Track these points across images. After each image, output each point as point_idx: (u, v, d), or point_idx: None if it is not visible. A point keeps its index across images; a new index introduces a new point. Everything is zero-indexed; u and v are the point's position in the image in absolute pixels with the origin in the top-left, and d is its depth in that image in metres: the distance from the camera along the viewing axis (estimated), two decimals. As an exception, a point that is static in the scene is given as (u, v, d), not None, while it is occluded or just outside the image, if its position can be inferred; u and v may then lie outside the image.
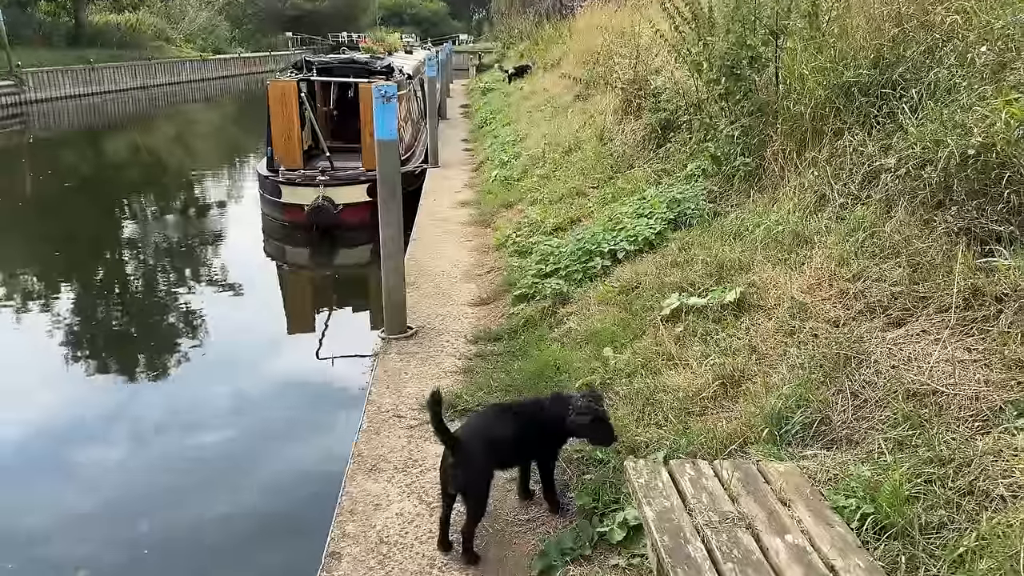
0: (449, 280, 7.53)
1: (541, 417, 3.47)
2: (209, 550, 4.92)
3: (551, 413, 3.46)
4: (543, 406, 3.54)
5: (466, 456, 3.25)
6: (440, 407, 3.22)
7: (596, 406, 3.46)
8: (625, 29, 13.41)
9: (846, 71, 5.18)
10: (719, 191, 6.32)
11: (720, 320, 4.45)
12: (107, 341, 8.76)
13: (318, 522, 3.98)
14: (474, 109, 22.93)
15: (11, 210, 14.92)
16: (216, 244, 12.96)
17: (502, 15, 41.23)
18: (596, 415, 3.42)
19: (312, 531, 4.03)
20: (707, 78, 6.65)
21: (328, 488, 4.26)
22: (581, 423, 3.40)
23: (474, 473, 3.29)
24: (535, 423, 3.45)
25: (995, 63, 4.19)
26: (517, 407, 3.64)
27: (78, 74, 33.76)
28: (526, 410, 3.56)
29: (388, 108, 5.65)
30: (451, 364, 5.50)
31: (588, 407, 3.41)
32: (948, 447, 2.81)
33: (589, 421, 3.39)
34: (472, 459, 3.26)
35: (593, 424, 3.41)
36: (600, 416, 3.44)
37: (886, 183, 4.30)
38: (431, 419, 3.25)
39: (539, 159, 11.15)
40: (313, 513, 4.63)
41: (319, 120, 13.20)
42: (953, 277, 3.45)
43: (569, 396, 3.59)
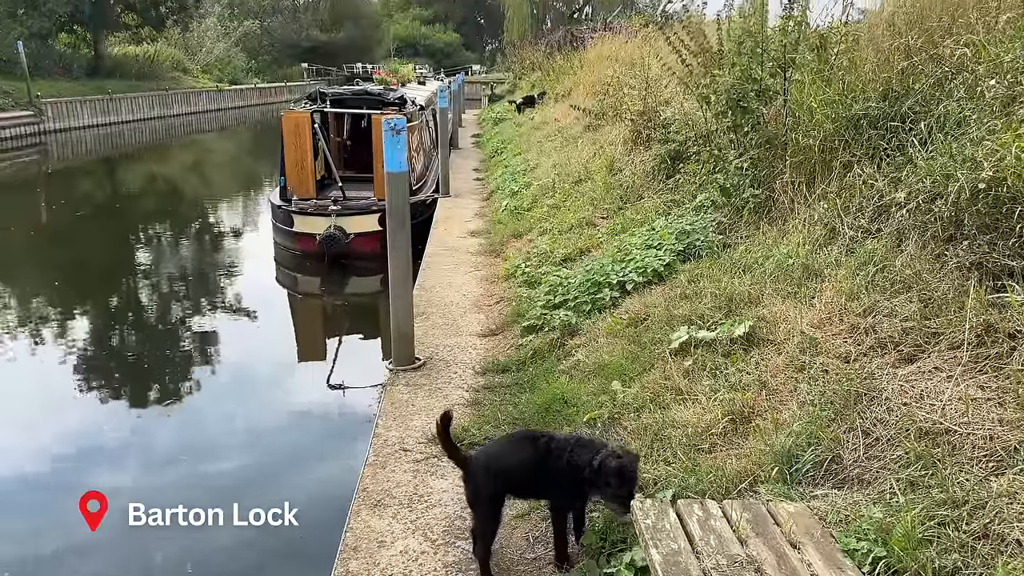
0: (458, 310, 7.52)
1: (560, 457, 3.26)
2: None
3: (571, 457, 3.22)
4: (566, 446, 3.30)
5: (473, 475, 3.43)
6: (449, 427, 3.39)
7: (627, 465, 3.11)
8: (635, 61, 13.53)
9: (855, 104, 5.18)
10: (728, 222, 6.30)
11: (729, 354, 4.40)
12: (119, 368, 8.81)
13: (323, 557, 3.94)
14: (485, 139, 23.08)
15: (25, 239, 15.08)
16: (229, 273, 13.05)
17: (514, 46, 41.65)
18: (625, 475, 3.07)
19: (317, 566, 3.99)
20: (715, 110, 6.66)
21: (334, 520, 4.23)
22: (602, 482, 3.10)
23: (480, 493, 3.41)
24: (553, 461, 3.27)
25: (1005, 96, 4.17)
26: (546, 438, 3.42)
27: (96, 104, 34.27)
28: (546, 445, 3.36)
29: (397, 141, 5.68)
30: (459, 396, 5.47)
31: (623, 469, 3.06)
32: (962, 488, 2.74)
33: (621, 485, 3.06)
34: (478, 479, 3.40)
35: (624, 491, 3.08)
36: (628, 476, 3.08)
37: (896, 217, 4.27)
38: (440, 442, 3.43)
39: (549, 189, 11.18)
40: (317, 548, 4.58)
41: (332, 150, 13.33)
42: (965, 313, 3.40)
43: (599, 445, 3.30)
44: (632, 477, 3.10)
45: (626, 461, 3.13)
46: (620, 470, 3.07)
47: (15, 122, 28.42)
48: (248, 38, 58.71)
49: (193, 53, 50.29)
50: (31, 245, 14.58)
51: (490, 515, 3.39)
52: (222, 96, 47.72)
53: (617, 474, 3.06)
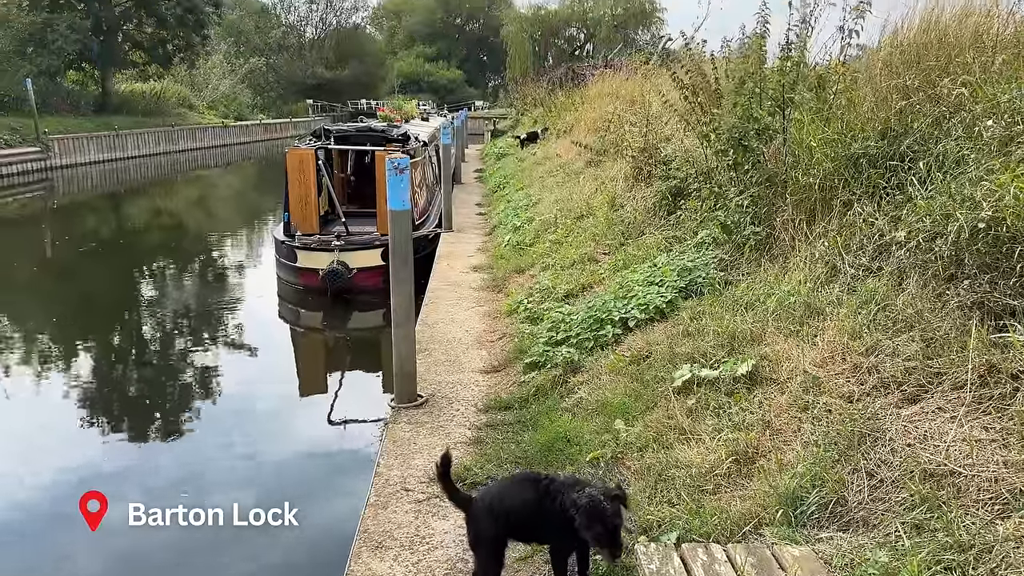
0: (461, 346, 7.51)
1: (556, 499, 3.20)
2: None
3: (564, 498, 3.14)
4: (562, 488, 3.22)
5: (475, 517, 3.42)
6: (449, 468, 3.39)
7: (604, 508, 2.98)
8: (635, 98, 13.69)
9: (854, 143, 5.23)
10: (730, 259, 6.32)
11: (732, 393, 4.39)
12: (119, 402, 8.80)
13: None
14: (488, 174, 23.27)
15: (27, 275, 15.15)
16: (232, 307, 13.07)
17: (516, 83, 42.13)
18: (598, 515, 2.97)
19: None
20: (715, 148, 6.72)
21: (335, 560, 4.18)
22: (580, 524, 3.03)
23: (482, 536, 3.40)
24: (549, 503, 3.21)
25: (1002, 136, 4.22)
26: (546, 480, 3.37)
27: (102, 140, 34.66)
28: (545, 487, 3.30)
29: (401, 180, 5.73)
30: (461, 434, 5.44)
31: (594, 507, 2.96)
32: (968, 532, 2.72)
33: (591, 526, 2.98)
34: (480, 521, 3.40)
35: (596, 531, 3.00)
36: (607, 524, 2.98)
37: (897, 255, 4.29)
38: (440, 484, 3.42)
39: (551, 224, 11.24)
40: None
41: (336, 186, 13.45)
42: (967, 353, 3.40)
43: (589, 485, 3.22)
44: (605, 516, 2.99)
45: (599, 500, 3.02)
46: (592, 509, 2.99)
47: (22, 158, 28.74)
48: (254, 75, 59.53)
49: (199, 90, 50.97)
50: (33, 281, 14.64)
51: (492, 558, 3.36)
52: (227, 132, 48.25)
53: (590, 513, 2.99)
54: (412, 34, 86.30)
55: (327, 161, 12.74)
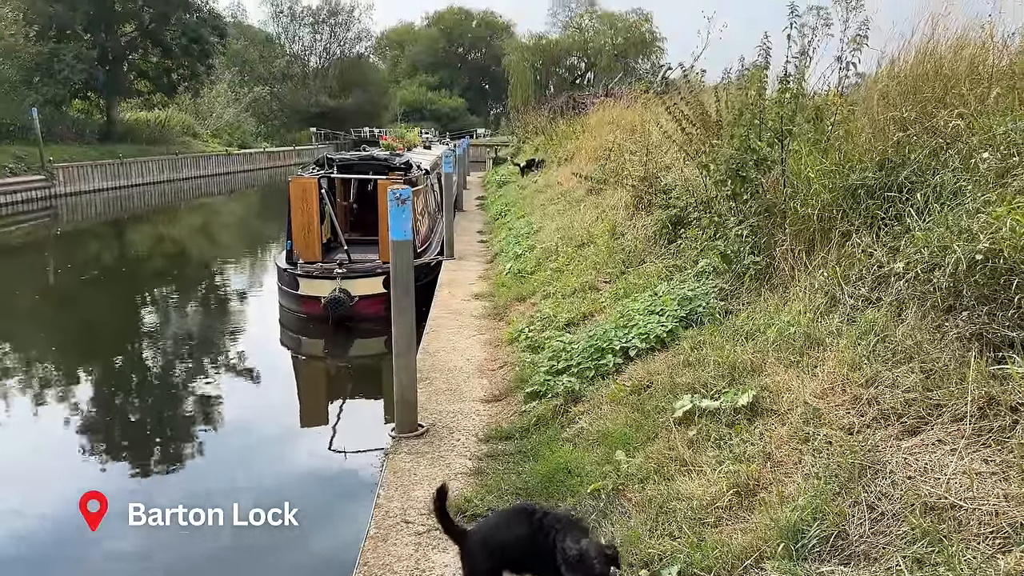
0: (462, 375, 7.51)
1: (548, 535, 3.21)
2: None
3: (556, 537, 3.17)
4: (555, 524, 3.23)
5: (470, 551, 3.46)
6: (445, 501, 3.42)
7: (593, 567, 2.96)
8: (636, 126, 13.80)
9: (852, 173, 5.27)
10: (730, 289, 6.34)
11: (733, 424, 4.38)
12: (120, 428, 8.79)
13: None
14: (489, 201, 23.39)
15: (29, 303, 15.18)
16: (233, 335, 13.11)
17: (518, 111, 42.52)
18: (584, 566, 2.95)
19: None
20: (715, 178, 6.77)
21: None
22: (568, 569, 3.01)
23: (477, 569, 3.42)
24: (541, 539, 3.22)
25: (998, 169, 4.25)
26: (540, 514, 3.37)
27: (107, 168, 34.92)
28: (539, 521, 3.30)
29: (402, 210, 5.78)
30: (461, 465, 5.43)
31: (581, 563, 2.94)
32: (969, 566, 2.71)
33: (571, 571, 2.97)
34: (475, 555, 3.42)
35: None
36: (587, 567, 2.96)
37: (896, 286, 4.30)
38: (436, 517, 3.45)
39: (552, 252, 11.28)
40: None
41: (339, 213, 13.52)
42: (967, 385, 3.40)
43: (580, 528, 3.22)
44: (591, 569, 2.98)
45: (590, 556, 3.01)
46: (580, 559, 3.00)
47: (27, 186, 28.95)
48: (258, 103, 60.16)
49: (203, 118, 51.46)
50: (36, 309, 14.67)
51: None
52: (231, 160, 48.62)
53: (576, 565, 2.99)
54: (415, 63, 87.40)
55: (330, 189, 12.83)
